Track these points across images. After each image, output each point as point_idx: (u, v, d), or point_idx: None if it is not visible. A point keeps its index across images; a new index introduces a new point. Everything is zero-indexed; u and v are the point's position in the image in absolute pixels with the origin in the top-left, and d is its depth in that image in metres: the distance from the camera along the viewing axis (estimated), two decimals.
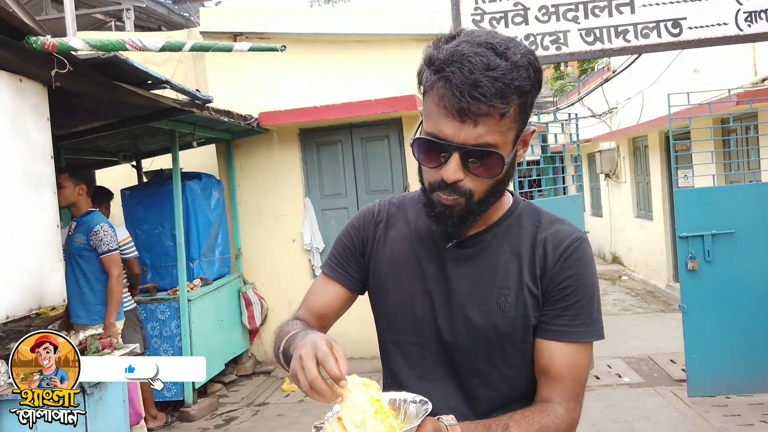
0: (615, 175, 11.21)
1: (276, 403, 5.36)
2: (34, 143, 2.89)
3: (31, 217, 2.86)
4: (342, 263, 1.35)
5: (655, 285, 9.36)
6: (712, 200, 4.64)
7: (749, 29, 4.00)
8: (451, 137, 1.05)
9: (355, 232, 1.36)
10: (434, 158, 1.10)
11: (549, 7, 4.11)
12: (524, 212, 1.26)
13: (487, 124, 1.04)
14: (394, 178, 6.37)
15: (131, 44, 2.87)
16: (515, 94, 1.04)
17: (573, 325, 1.19)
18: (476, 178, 1.10)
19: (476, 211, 1.14)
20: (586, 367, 1.22)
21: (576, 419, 1.19)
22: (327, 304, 1.34)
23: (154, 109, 4.29)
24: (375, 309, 1.35)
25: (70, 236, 4.17)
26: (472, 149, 1.06)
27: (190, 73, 6.87)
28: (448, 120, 1.05)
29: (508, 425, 1.10)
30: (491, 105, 1.02)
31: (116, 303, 4.15)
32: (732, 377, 4.62)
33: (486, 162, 1.08)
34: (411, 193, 1.39)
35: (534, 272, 1.20)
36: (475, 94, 1.01)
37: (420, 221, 1.29)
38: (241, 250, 6.52)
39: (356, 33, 6.43)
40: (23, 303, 2.78)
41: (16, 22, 2.73)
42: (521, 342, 1.21)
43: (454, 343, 1.23)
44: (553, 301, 1.19)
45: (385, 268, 1.30)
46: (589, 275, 1.21)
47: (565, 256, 1.19)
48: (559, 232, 1.22)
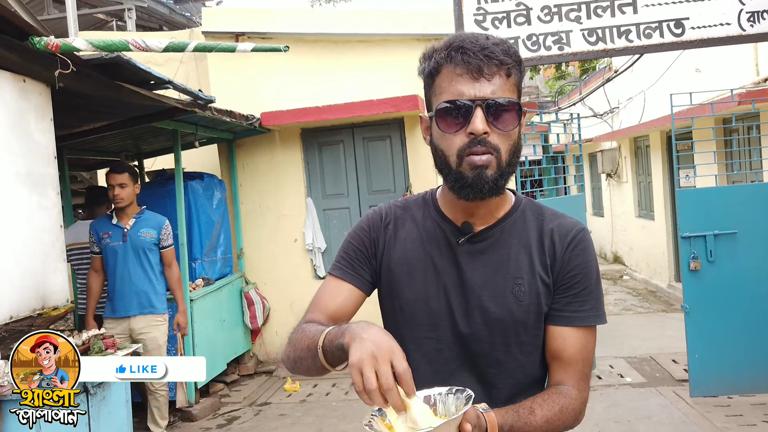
0: (616, 174, 11.20)
1: (278, 403, 5.36)
2: (37, 144, 2.89)
3: (34, 218, 2.86)
4: (353, 265, 1.36)
5: (656, 285, 9.35)
6: (715, 200, 4.64)
7: (752, 29, 4.00)
8: (471, 96, 1.16)
9: (365, 234, 1.38)
10: (458, 122, 1.18)
11: (551, 7, 4.11)
12: (527, 207, 1.34)
13: (498, 82, 1.17)
14: (396, 178, 6.36)
15: (134, 45, 2.88)
16: (513, 59, 1.18)
17: (583, 311, 1.27)
18: (500, 133, 1.18)
19: (506, 174, 1.20)
20: (593, 350, 1.31)
21: (586, 398, 1.28)
22: (341, 306, 1.34)
23: (156, 109, 4.30)
24: (388, 308, 1.37)
25: (129, 232, 4.28)
26: (493, 101, 1.16)
27: (192, 74, 6.88)
28: (466, 82, 1.16)
29: (533, 408, 1.18)
30: (501, 61, 1.16)
31: (183, 290, 4.62)
32: (734, 377, 4.62)
33: (505, 115, 1.18)
34: (413, 196, 1.44)
35: (545, 262, 1.27)
36: (486, 53, 1.15)
37: (428, 221, 1.34)
38: (243, 250, 6.52)
39: (358, 33, 6.43)
40: (26, 303, 2.79)
41: (19, 22, 2.73)
42: (535, 329, 1.27)
43: (472, 335, 1.27)
44: (563, 289, 1.27)
45: (397, 267, 1.33)
46: (593, 262, 1.30)
47: (572, 246, 1.28)
48: (563, 224, 1.31)
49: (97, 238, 4.33)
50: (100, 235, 4.32)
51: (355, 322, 1.13)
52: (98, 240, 4.33)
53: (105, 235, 4.31)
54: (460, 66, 1.17)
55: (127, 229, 4.29)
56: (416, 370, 1.27)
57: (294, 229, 6.48)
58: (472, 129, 1.16)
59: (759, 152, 6.05)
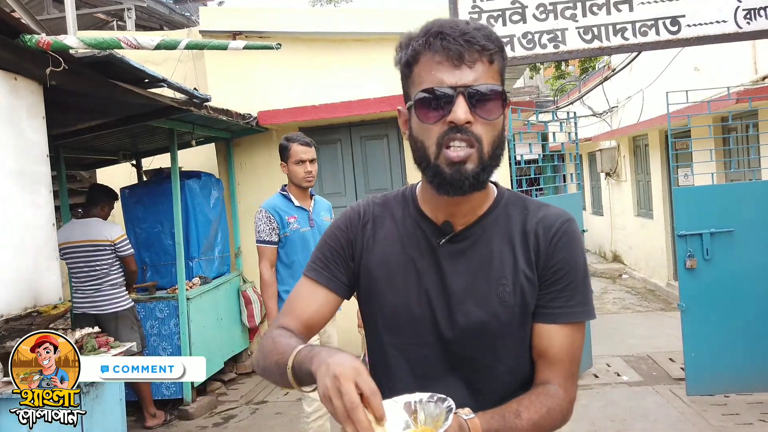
0: (615, 173, 11.19)
1: (275, 402, 5.36)
2: (29, 142, 2.89)
3: (26, 216, 2.86)
4: (329, 267, 1.30)
5: (655, 283, 9.34)
6: (711, 199, 4.63)
7: (748, 27, 3.98)
8: (452, 83, 1.09)
9: (341, 234, 1.31)
10: (438, 112, 1.11)
11: (547, 5, 4.10)
12: (509, 201, 1.27)
13: (480, 70, 1.10)
14: (393, 177, 6.37)
15: (126, 42, 2.88)
16: (495, 45, 1.12)
17: (568, 306, 1.21)
18: (483, 122, 1.11)
19: (488, 167, 1.14)
20: (581, 347, 1.25)
21: (574, 397, 1.22)
22: (316, 311, 1.28)
23: (151, 107, 4.29)
24: (368, 313, 1.32)
25: (313, 215, 3.58)
26: (476, 88, 1.10)
27: (189, 73, 6.88)
28: (447, 69, 1.10)
29: (519, 411, 1.13)
30: (483, 46, 1.09)
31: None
32: (731, 376, 4.61)
33: (488, 104, 1.11)
34: (392, 192, 1.37)
35: (529, 258, 1.21)
36: (467, 38, 1.09)
37: (408, 220, 1.28)
38: (240, 248, 6.52)
39: (355, 32, 6.42)
40: (19, 301, 2.78)
41: (10, 20, 2.73)
42: (521, 329, 1.22)
43: (456, 340, 1.22)
44: (548, 285, 1.21)
45: (377, 270, 1.27)
46: (580, 255, 1.23)
47: (556, 239, 1.21)
48: (547, 216, 1.24)
49: (282, 223, 3.45)
50: (285, 219, 3.46)
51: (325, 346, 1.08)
52: (282, 225, 3.45)
53: (291, 219, 3.48)
54: (440, 53, 1.10)
55: (310, 211, 3.58)
56: (401, 376, 1.26)
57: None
58: (452, 118, 1.08)
59: (756, 150, 6.04)
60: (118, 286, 4.73)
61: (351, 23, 6.55)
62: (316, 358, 1.02)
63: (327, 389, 0.93)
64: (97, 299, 4.63)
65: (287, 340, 1.16)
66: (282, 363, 1.11)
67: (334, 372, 0.94)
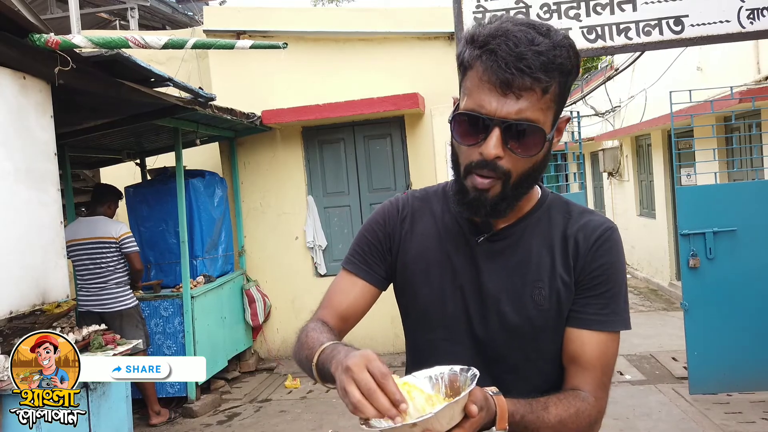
0: (618, 173, 11.19)
1: (279, 400, 5.38)
2: (37, 140, 2.91)
3: (34, 214, 2.88)
4: (366, 260, 1.30)
5: (657, 283, 9.35)
6: (714, 198, 4.64)
7: (752, 26, 3.99)
8: (492, 111, 1.04)
9: (379, 228, 1.31)
10: (473, 135, 1.08)
11: (551, 5, 4.11)
12: (553, 204, 1.25)
13: (529, 100, 1.03)
14: (397, 177, 6.38)
15: (134, 42, 2.89)
16: (557, 72, 1.04)
17: (602, 314, 1.18)
18: (515, 157, 1.07)
19: (510, 198, 1.11)
20: (614, 357, 1.21)
21: (604, 408, 1.18)
22: (353, 303, 1.28)
23: (157, 106, 4.32)
24: (403, 306, 1.32)
25: None
26: (514, 124, 1.04)
27: (193, 72, 6.90)
28: (491, 94, 1.04)
29: (547, 405, 1.10)
30: (536, 78, 1.01)
31: None
32: (733, 375, 4.62)
33: (527, 139, 1.06)
34: (433, 186, 1.36)
35: (567, 263, 1.19)
36: (520, 65, 1.00)
37: (447, 216, 1.27)
38: (244, 247, 6.54)
39: (359, 31, 6.44)
40: (26, 299, 2.81)
41: (19, 19, 2.75)
42: (555, 334, 1.20)
43: (488, 340, 1.21)
44: (584, 290, 1.18)
45: (413, 265, 1.27)
46: (620, 264, 1.20)
47: (597, 245, 1.18)
48: (590, 223, 1.21)
49: None
50: None
51: (345, 344, 1.08)
52: None
53: None
54: (489, 73, 1.03)
55: None
56: None
57: (295, 227, 6.50)
58: (483, 150, 1.06)
59: (759, 150, 6.04)
60: (124, 285, 4.75)
61: (355, 23, 6.56)
62: (334, 360, 1.02)
63: (343, 382, 0.93)
64: (103, 297, 4.65)
65: (318, 335, 1.16)
66: (309, 359, 1.12)
67: (346, 365, 0.94)
